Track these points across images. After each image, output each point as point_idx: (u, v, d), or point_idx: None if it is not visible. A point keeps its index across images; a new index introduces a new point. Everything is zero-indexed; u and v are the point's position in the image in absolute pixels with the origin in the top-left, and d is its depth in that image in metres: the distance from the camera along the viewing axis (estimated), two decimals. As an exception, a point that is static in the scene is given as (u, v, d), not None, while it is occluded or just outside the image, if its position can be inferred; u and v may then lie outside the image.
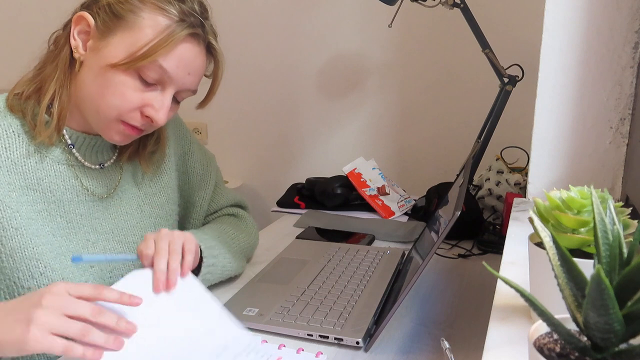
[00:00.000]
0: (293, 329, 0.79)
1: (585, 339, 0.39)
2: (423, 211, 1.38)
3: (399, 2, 1.31)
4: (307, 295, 0.90)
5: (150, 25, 0.75)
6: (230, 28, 2.00)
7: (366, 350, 0.75)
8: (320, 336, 0.77)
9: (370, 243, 1.21)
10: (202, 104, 0.86)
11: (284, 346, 0.75)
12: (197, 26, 0.78)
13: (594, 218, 0.41)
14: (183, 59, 0.77)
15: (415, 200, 1.46)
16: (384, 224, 1.34)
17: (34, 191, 0.77)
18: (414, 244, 1.09)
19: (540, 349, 0.39)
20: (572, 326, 0.40)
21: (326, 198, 1.44)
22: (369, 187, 1.45)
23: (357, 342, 0.75)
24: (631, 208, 0.56)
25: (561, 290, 0.39)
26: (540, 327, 0.41)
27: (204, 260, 0.86)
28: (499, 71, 1.31)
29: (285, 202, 1.50)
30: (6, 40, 2.37)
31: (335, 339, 0.76)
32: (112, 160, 0.88)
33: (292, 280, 0.97)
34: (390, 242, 1.23)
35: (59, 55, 0.79)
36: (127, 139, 0.81)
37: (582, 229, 0.54)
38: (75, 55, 0.78)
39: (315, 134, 1.93)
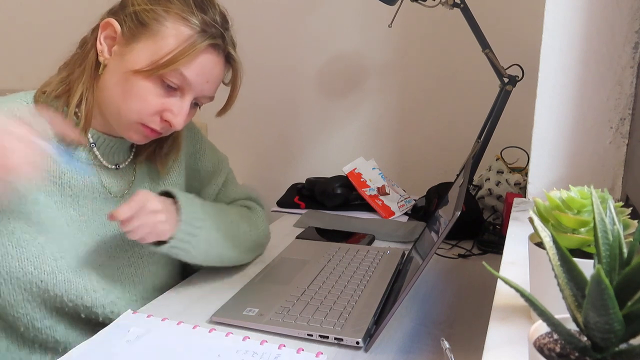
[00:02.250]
0: (293, 329, 0.79)
1: (585, 339, 0.39)
2: (423, 211, 1.38)
3: (399, 2, 1.31)
4: (307, 295, 0.90)
5: (173, 34, 0.78)
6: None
7: (366, 350, 0.75)
8: (320, 336, 0.77)
9: (370, 243, 1.21)
10: (222, 111, 0.90)
11: (284, 346, 0.75)
12: (218, 37, 0.81)
13: (594, 218, 0.41)
14: (203, 68, 0.80)
15: (415, 200, 1.45)
16: (384, 224, 1.34)
17: (53, 183, 0.81)
18: (414, 244, 1.09)
19: (540, 349, 0.39)
20: (572, 326, 0.40)
21: (326, 198, 1.44)
22: (369, 187, 1.45)
23: (357, 342, 0.75)
24: (631, 208, 0.56)
25: (561, 290, 0.39)
26: (540, 327, 0.41)
27: (181, 225, 0.84)
28: (499, 71, 1.31)
29: (285, 202, 1.50)
30: (5, 41, 2.37)
31: (335, 339, 0.76)
32: (127, 162, 0.91)
33: (292, 280, 0.97)
34: (390, 242, 1.23)
35: (86, 59, 0.82)
36: (145, 139, 0.84)
37: (582, 229, 0.54)
38: (100, 59, 0.81)
39: (315, 134, 1.93)
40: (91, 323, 0.87)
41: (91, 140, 0.85)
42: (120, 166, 0.89)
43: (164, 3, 0.79)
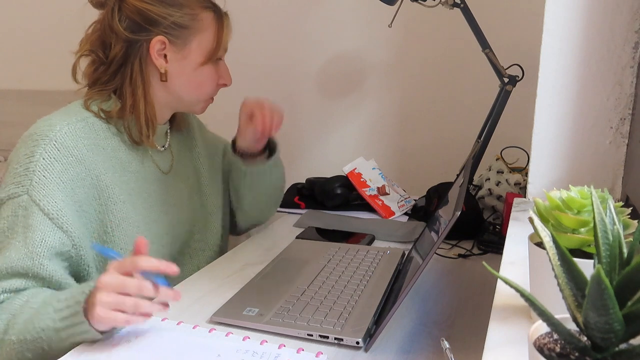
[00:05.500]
0: (293, 329, 0.79)
1: (585, 339, 0.39)
2: (423, 211, 1.38)
3: (399, 2, 1.31)
4: (307, 295, 0.90)
5: (206, 23, 0.97)
6: (230, 28, 2.00)
7: (366, 350, 0.75)
8: (320, 336, 0.77)
9: (370, 243, 1.21)
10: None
11: (284, 346, 0.75)
12: (217, 6, 1.00)
13: (594, 218, 0.41)
14: (230, 34, 1.03)
15: (415, 200, 1.45)
16: (384, 224, 1.34)
17: (128, 172, 0.96)
18: (414, 244, 1.09)
19: (540, 349, 0.39)
20: (572, 326, 0.40)
21: (326, 198, 1.44)
22: (369, 187, 1.45)
23: (357, 342, 0.75)
24: (631, 208, 0.56)
25: (561, 290, 0.39)
26: (540, 327, 0.41)
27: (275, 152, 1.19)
28: (499, 71, 1.31)
29: (285, 202, 1.50)
30: (5, 41, 2.37)
31: (335, 339, 0.76)
32: (167, 144, 1.07)
33: (292, 280, 0.97)
34: (390, 242, 1.23)
35: (139, 80, 0.95)
36: (206, 107, 1.06)
37: (582, 229, 0.54)
38: (162, 70, 0.96)
39: (315, 134, 1.93)
40: None
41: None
42: (165, 146, 1.06)
43: (183, 3, 0.95)
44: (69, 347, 0.75)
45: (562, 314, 0.40)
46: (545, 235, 0.41)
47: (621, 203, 0.55)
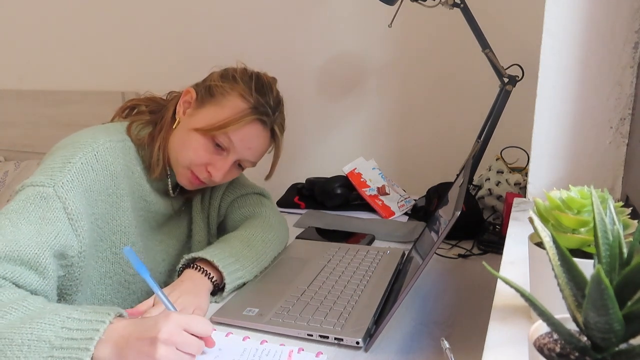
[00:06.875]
0: (293, 329, 0.79)
1: (585, 339, 0.39)
2: (423, 211, 1.38)
3: (399, 2, 1.31)
4: (307, 296, 0.90)
5: (231, 106, 0.96)
6: (230, 28, 2.00)
7: (366, 350, 0.76)
8: (320, 336, 0.77)
9: (370, 243, 1.21)
10: (267, 177, 1.10)
11: (283, 345, 0.75)
12: (265, 115, 0.98)
13: (594, 218, 0.41)
14: (247, 136, 0.97)
15: (415, 200, 1.46)
16: (384, 224, 1.34)
17: (144, 201, 0.99)
18: (414, 244, 1.09)
19: (540, 349, 0.39)
20: (572, 326, 0.40)
21: (326, 198, 1.44)
22: (369, 187, 1.45)
23: (357, 342, 0.75)
24: (631, 208, 0.56)
25: (561, 290, 0.39)
26: (540, 327, 0.41)
27: (227, 286, 0.93)
28: (499, 71, 1.31)
29: (286, 202, 1.50)
30: (5, 41, 2.37)
31: (335, 339, 0.76)
32: (177, 191, 1.08)
33: (292, 280, 0.97)
34: (390, 242, 1.23)
35: (163, 119, 1.01)
36: (191, 185, 1.01)
37: (582, 229, 0.54)
38: (177, 116, 1.00)
39: (315, 134, 1.93)
40: None
41: (168, 172, 1.03)
42: (175, 193, 1.07)
43: (231, 83, 0.98)
44: None
45: (562, 314, 0.40)
46: (545, 235, 0.41)
47: (621, 203, 0.55)
